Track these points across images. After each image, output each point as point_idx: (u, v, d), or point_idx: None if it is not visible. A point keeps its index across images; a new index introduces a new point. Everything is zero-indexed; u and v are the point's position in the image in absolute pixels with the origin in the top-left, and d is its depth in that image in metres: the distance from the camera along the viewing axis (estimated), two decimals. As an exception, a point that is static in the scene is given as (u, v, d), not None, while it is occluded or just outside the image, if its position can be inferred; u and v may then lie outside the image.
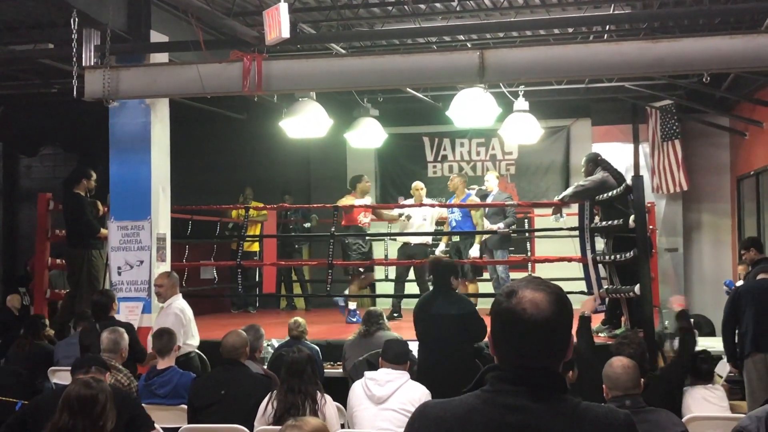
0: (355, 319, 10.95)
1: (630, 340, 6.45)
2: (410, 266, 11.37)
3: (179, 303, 8.03)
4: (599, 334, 8.96)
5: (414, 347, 8.07)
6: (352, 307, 11.31)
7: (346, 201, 11.23)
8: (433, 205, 11.60)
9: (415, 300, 8.11)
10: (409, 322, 11.15)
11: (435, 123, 14.59)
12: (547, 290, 2.20)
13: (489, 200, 11.59)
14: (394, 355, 6.14)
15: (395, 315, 11.42)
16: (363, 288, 11.59)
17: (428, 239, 11.68)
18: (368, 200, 11.69)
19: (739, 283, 9.90)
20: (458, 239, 11.58)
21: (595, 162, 9.47)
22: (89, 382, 4.39)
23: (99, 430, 4.23)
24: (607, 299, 9.15)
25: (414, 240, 11.50)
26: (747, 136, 13.55)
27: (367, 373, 6.06)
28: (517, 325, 2.16)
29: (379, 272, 13.26)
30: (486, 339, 6.90)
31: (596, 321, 9.59)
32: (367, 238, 11.81)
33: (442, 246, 11.91)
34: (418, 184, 11.74)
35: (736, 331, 7.93)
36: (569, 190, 9.63)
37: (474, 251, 11.37)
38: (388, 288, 12.98)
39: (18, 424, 5.06)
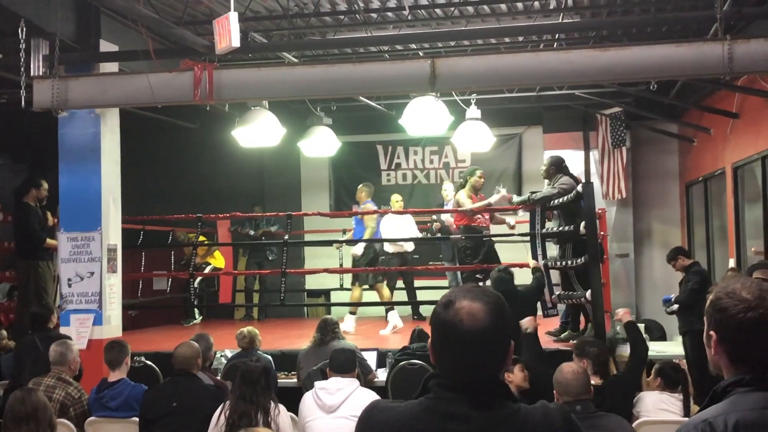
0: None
1: (594, 339, 6.57)
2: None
3: None
4: (571, 341, 8.80)
5: (368, 356, 8.10)
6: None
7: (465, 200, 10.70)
8: (384, 211, 11.72)
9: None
10: (370, 330, 11.24)
11: (388, 131, 14.62)
12: (485, 299, 2.20)
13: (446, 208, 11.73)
14: (340, 364, 6.16)
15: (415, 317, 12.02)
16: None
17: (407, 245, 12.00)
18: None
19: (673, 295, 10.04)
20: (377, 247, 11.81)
21: (559, 167, 9.43)
22: (31, 390, 4.35)
23: None
24: (563, 304, 9.23)
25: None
26: (695, 142, 13.75)
27: (318, 383, 6.06)
28: (454, 337, 2.17)
29: (333, 280, 13.24)
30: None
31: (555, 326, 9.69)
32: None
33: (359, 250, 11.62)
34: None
35: None
36: (541, 193, 9.46)
37: (358, 249, 11.57)
38: (342, 296, 12.96)
39: None
